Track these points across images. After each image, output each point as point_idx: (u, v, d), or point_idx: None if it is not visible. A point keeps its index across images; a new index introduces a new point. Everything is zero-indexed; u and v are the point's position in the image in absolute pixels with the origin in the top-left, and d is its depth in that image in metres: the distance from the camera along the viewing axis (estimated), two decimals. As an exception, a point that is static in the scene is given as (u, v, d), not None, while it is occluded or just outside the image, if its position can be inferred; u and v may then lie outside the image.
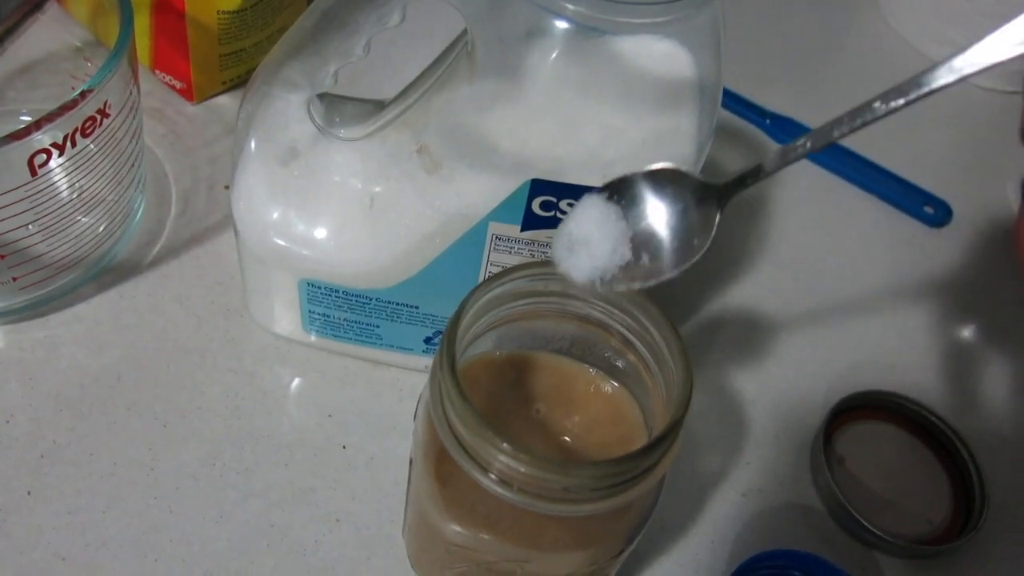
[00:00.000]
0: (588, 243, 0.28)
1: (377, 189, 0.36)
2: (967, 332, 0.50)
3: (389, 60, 0.43)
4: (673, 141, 0.34)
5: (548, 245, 0.36)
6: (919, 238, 0.54)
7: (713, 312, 0.48)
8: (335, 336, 0.41)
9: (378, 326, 0.40)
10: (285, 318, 0.41)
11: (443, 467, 0.30)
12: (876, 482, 0.43)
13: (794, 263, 0.51)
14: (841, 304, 0.50)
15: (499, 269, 0.36)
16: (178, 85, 0.50)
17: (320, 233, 0.37)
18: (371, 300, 0.38)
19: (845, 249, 0.52)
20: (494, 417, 0.33)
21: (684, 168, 0.28)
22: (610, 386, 0.34)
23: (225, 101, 0.51)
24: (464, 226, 0.35)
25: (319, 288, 0.38)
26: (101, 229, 0.42)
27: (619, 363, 0.33)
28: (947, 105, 0.62)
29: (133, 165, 0.42)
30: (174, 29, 0.47)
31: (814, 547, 0.40)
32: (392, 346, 0.41)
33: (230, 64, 0.50)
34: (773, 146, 0.57)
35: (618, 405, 0.33)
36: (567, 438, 0.33)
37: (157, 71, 0.51)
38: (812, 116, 0.58)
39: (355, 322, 0.40)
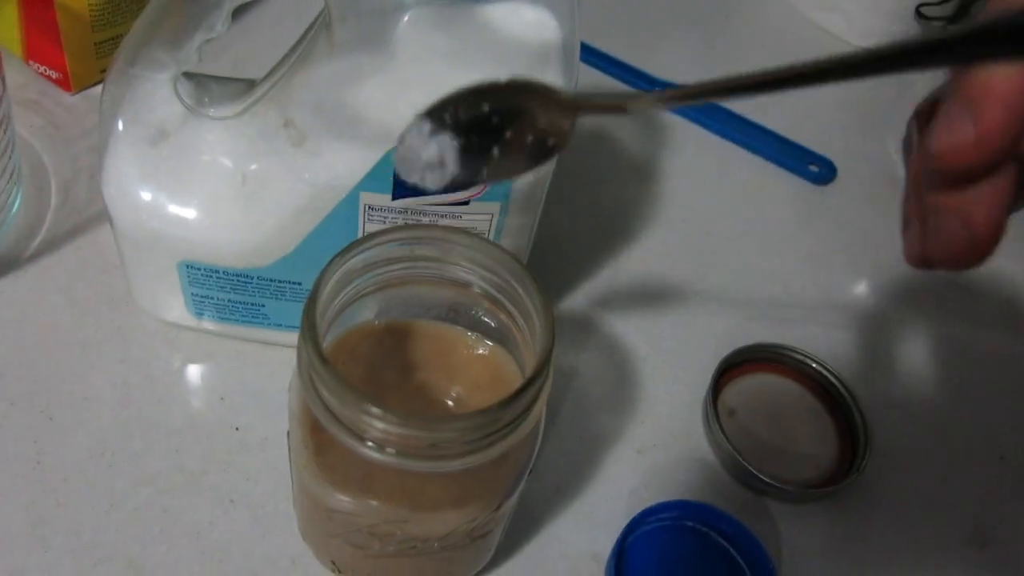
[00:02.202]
0: (428, 163, 0.26)
1: (251, 167, 0.36)
2: (851, 286, 0.52)
3: (261, 40, 0.43)
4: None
5: (422, 213, 0.36)
6: (805, 196, 0.55)
7: (605, 275, 0.49)
8: (222, 319, 0.40)
9: (263, 305, 0.39)
10: (170, 303, 0.40)
11: (316, 435, 0.30)
12: (766, 431, 0.44)
13: (684, 224, 0.52)
14: (730, 262, 0.51)
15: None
16: (54, 75, 0.49)
17: (193, 213, 0.36)
18: (252, 279, 0.38)
19: (733, 209, 0.54)
20: (374, 387, 0.33)
21: (522, 78, 0.26)
22: (488, 350, 0.34)
23: (105, 89, 0.50)
24: (335, 198, 0.35)
25: (199, 269, 0.38)
26: (-25, 223, 0.41)
27: (493, 324, 0.33)
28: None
29: (3, 155, 0.41)
30: (44, 18, 0.46)
31: (708, 498, 0.41)
32: (280, 325, 0.41)
33: (107, 51, 0.49)
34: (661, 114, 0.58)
35: (497, 368, 0.34)
36: (449, 403, 0.34)
37: (31, 62, 0.49)
38: (695, 78, 0.59)
39: (239, 303, 0.39)
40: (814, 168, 0.56)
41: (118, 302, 0.43)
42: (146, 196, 0.36)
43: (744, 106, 0.58)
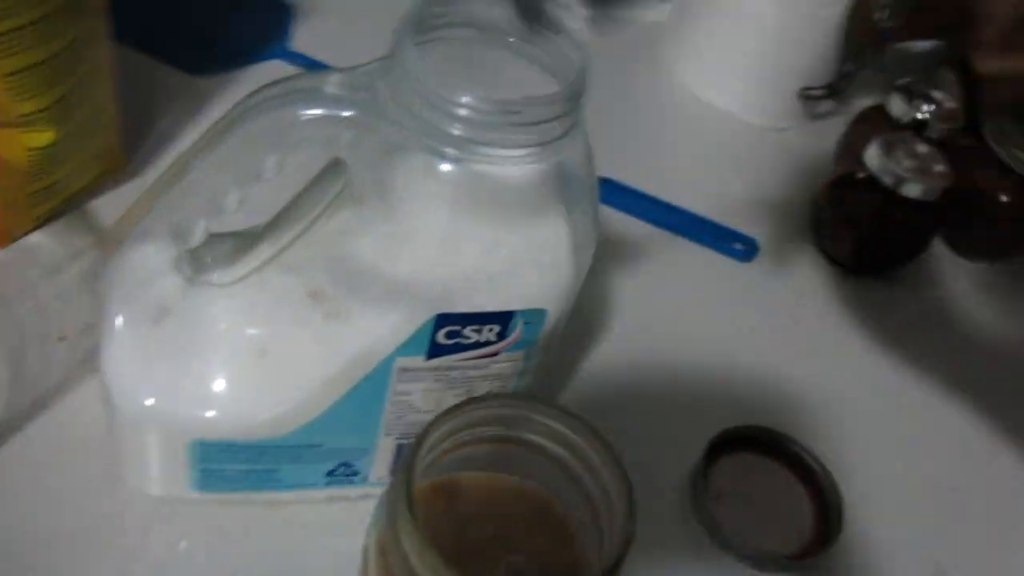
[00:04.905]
0: None
1: (267, 337, 0.34)
2: (795, 355, 0.55)
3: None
4: (550, 247, 0.35)
5: (452, 368, 0.36)
6: (735, 273, 0.59)
7: (578, 378, 0.50)
8: (230, 489, 0.38)
9: (277, 470, 0.38)
10: (171, 480, 0.38)
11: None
12: (749, 507, 0.47)
13: (632, 315, 0.54)
14: (684, 348, 0.53)
15: (404, 399, 0.36)
16: (-19, 233, 0.45)
17: (208, 391, 0.35)
18: (269, 448, 0.37)
19: (675, 293, 0.56)
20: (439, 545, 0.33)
21: None
22: (536, 493, 0.34)
23: (40, 239, 0.46)
24: (368, 365, 0.34)
25: (212, 446, 0.36)
26: (-76, 417, 0.37)
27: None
28: (730, 146, 0.69)
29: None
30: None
31: (698, 571, 0.44)
32: (293, 486, 0.39)
33: (41, 200, 0.45)
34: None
35: (540, 508, 0.34)
36: (506, 555, 0.34)
37: (-49, 219, 0.45)
38: (615, 169, 0.61)
39: (252, 471, 0.38)
40: (739, 246, 0.60)
41: (97, 482, 0.39)
42: (153, 379, 0.34)
43: (662, 190, 0.61)
